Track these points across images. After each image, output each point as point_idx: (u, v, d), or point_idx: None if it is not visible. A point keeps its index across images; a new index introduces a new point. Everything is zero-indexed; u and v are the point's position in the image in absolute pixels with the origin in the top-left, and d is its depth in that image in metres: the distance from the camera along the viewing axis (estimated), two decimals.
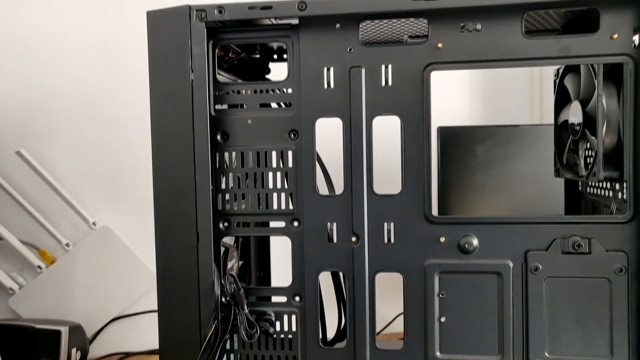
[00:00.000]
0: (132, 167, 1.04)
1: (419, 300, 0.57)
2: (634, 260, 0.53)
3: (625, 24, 0.52)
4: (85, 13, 1.05)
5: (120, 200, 1.04)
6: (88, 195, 1.03)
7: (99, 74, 1.05)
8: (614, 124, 0.60)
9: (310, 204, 0.58)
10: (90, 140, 1.04)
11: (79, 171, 1.03)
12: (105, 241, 1.01)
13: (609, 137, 0.60)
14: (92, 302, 1.01)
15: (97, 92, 1.05)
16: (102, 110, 1.05)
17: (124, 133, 1.05)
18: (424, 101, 0.55)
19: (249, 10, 0.55)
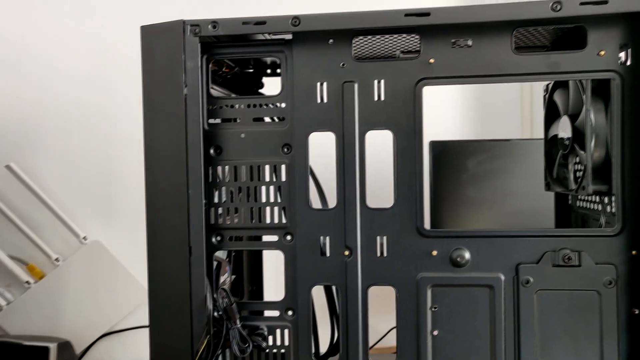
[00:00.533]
0: (123, 181, 1.04)
1: (411, 314, 0.57)
2: (623, 273, 0.54)
3: (612, 41, 0.53)
4: (78, 28, 1.05)
5: (112, 215, 1.04)
6: (79, 209, 1.02)
7: (91, 88, 1.05)
8: (602, 138, 0.61)
9: (303, 218, 0.58)
10: (82, 154, 1.04)
11: (69, 185, 1.03)
12: (95, 256, 1.00)
13: (597, 151, 0.61)
14: (81, 317, 0.99)
15: (89, 106, 1.05)
16: (94, 124, 1.05)
17: (115, 147, 1.05)
18: (416, 116, 0.56)
19: (243, 26, 0.56)
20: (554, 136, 0.73)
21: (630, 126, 0.53)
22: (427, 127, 0.58)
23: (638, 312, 0.53)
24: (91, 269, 1.00)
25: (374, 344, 1.06)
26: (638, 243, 0.53)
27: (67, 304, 0.99)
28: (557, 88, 0.72)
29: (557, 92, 0.72)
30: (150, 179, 0.57)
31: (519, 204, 0.96)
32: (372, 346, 1.04)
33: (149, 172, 0.57)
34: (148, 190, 0.57)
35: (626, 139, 0.54)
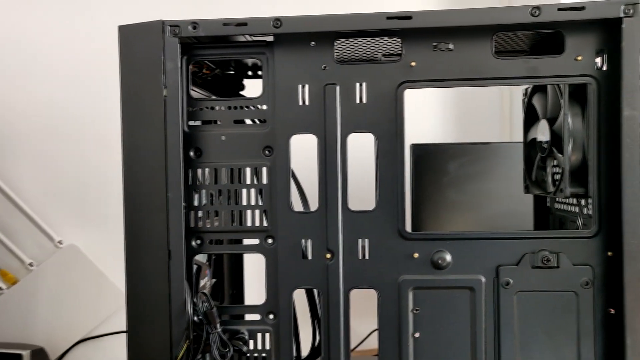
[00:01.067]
0: (101, 184, 1.02)
1: (393, 316, 0.57)
2: (599, 274, 0.55)
3: (589, 47, 0.54)
4: (55, 28, 1.03)
5: (88, 218, 1.01)
6: (54, 213, 1.00)
7: (66, 90, 1.03)
8: (579, 142, 0.62)
9: (284, 221, 0.57)
10: (57, 157, 1.01)
11: (44, 189, 1.00)
12: (71, 260, 0.98)
13: (574, 154, 0.62)
14: (56, 323, 0.97)
15: (64, 109, 1.03)
16: (70, 126, 1.03)
17: (91, 150, 1.03)
18: (397, 119, 0.56)
19: (224, 27, 0.55)
20: (532, 139, 0.74)
21: (605, 130, 0.54)
22: (408, 130, 0.58)
23: (614, 312, 0.54)
24: (67, 273, 0.97)
25: (355, 346, 1.06)
26: (614, 244, 0.54)
27: (41, 310, 0.97)
28: (536, 92, 0.73)
29: (535, 96, 0.73)
30: (128, 181, 0.56)
31: (499, 206, 0.98)
32: (353, 349, 1.04)
33: (128, 175, 0.56)
34: (126, 193, 0.56)
35: (602, 143, 0.55)
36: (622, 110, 0.52)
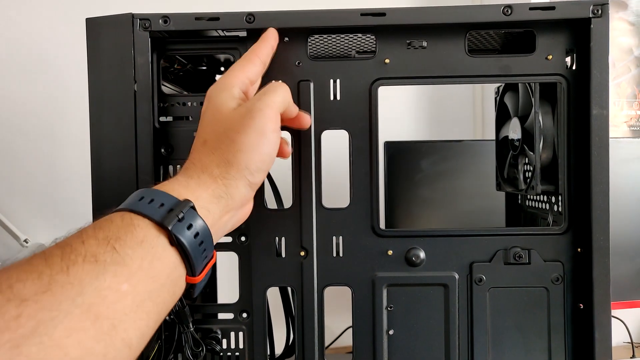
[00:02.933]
0: (67, 180, 0.99)
1: (367, 314, 0.57)
2: (569, 270, 0.56)
3: (559, 46, 0.55)
4: (18, 20, 1.00)
5: (56, 216, 0.99)
6: (19, 211, 0.97)
7: (32, 84, 1.00)
8: (549, 140, 0.63)
9: (258, 219, 0.57)
10: (22, 153, 0.98)
11: (8, 186, 0.97)
12: None
13: (545, 152, 0.63)
14: None
15: (30, 103, 1.00)
16: (35, 121, 1.00)
17: (58, 145, 1.00)
18: (371, 116, 0.56)
19: (196, 22, 0.54)
20: (504, 137, 0.75)
21: (575, 128, 0.55)
22: (382, 128, 0.58)
23: (583, 307, 0.55)
24: None
25: (329, 344, 1.06)
26: (583, 241, 0.55)
27: None
28: (508, 91, 0.74)
29: (507, 95, 0.74)
30: (97, 178, 0.55)
31: (472, 204, 0.99)
32: (327, 346, 1.04)
33: (96, 172, 0.55)
34: (95, 191, 0.55)
35: (571, 141, 0.55)
36: (591, 109, 0.53)
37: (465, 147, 1.00)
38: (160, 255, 0.39)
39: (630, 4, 1.18)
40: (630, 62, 1.18)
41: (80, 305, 0.33)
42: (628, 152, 1.00)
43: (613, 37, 1.18)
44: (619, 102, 1.19)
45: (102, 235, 0.37)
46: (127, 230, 0.38)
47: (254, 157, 0.45)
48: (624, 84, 1.19)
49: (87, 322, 0.33)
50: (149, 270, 0.37)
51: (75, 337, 0.32)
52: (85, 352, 0.32)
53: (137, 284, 0.36)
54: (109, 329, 0.34)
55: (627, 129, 1.20)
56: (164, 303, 0.40)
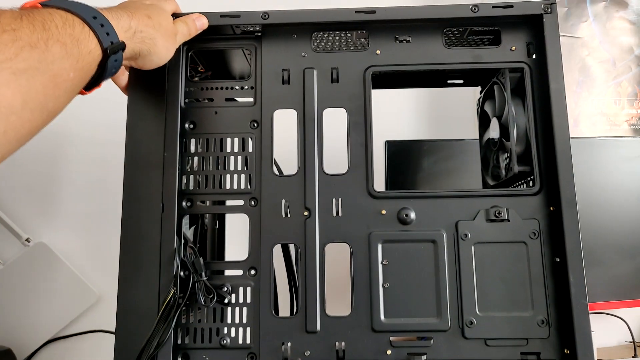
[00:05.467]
0: (70, 180, 1.02)
1: (364, 268, 0.62)
2: (545, 226, 0.62)
3: (520, 39, 0.66)
4: None
5: (58, 215, 1.00)
6: (22, 209, 0.98)
7: None
8: (522, 128, 0.72)
9: (267, 184, 0.65)
10: (23, 151, 1.03)
11: (11, 185, 0.99)
12: (40, 258, 0.96)
13: (519, 139, 0.72)
14: (24, 323, 0.95)
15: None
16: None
17: (60, 144, 1.02)
18: (365, 96, 0.66)
19: (221, 18, 0.66)
20: (487, 140, 0.85)
21: (540, 105, 0.65)
22: (383, 127, 0.68)
23: (559, 260, 0.61)
24: (35, 272, 0.96)
25: None
26: (554, 200, 0.62)
27: (8, 310, 0.95)
28: (487, 100, 0.85)
29: (487, 103, 0.85)
30: (130, 142, 0.64)
31: None
32: None
33: (130, 136, 0.64)
34: (128, 151, 0.63)
35: (537, 115, 0.65)
36: (550, 84, 0.63)
37: (466, 146, 1.04)
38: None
39: (631, 3, 1.18)
40: (630, 61, 1.18)
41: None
42: (629, 151, 1.02)
43: (613, 37, 1.18)
44: (619, 101, 1.18)
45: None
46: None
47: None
48: (625, 83, 1.18)
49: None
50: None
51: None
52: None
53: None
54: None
55: (628, 127, 1.19)
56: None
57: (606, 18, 1.18)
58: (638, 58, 1.20)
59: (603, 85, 1.19)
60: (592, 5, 1.19)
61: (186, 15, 0.65)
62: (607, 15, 1.18)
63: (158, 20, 0.59)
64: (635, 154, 1.04)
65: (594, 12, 1.19)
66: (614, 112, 1.19)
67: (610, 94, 1.18)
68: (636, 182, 1.03)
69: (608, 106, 1.19)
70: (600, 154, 1.04)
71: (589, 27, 1.19)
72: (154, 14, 0.59)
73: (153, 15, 0.59)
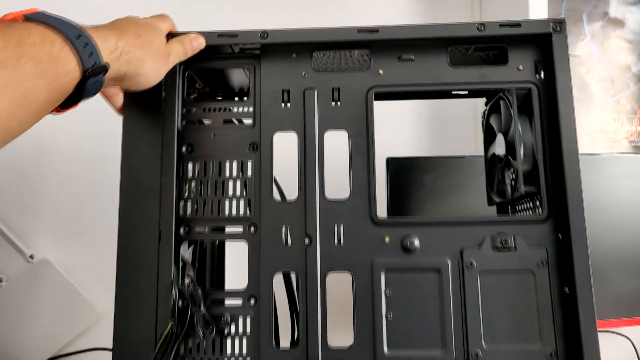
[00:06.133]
0: (74, 197, 1.02)
1: (366, 298, 0.61)
2: (553, 254, 0.60)
3: (528, 58, 0.64)
4: None
5: (62, 232, 1.01)
6: (25, 226, 0.99)
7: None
8: (529, 147, 0.70)
9: (267, 210, 0.63)
10: (27, 169, 1.01)
11: (15, 201, 0.99)
12: (43, 275, 0.96)
13: (526, 158, 0.70)
14: (26, 340, 0.95)
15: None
16: (40, 138, 1.04)
17: (64, 162, 1.03)
18: (368, 118, 0.64)
19: (218, 38, 0.64)
20: (492, 155, 0.82)
21: (548, 127, 0.63)
22: (385, 144, 0.66)
23: (568, 291, 0.59)
24: (38, 289, 0.96)
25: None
26: (562, 227, 0.60)
27: (10, 327, 0.94)
28: (492, 113, 0.82)
29: (492, 117, 0.82)
30: (125, 169, 0.62)
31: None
32: None
33: (125, 162, 0.62)
34: (123, 178, 0.61)
35: (546, 137, 0.63)
36: (559, 107, 0.61)
37: (467, 163, 1.04)
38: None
39: (627, 23, 1.21)
40: (629, 78, 1.20)
41: None
42: (630, 168, 1.02)
43: (611, 55, 1.21)
44: (619, 118, 1.20)
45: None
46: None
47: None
48: (623, 100, 1.20)
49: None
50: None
51: None
52: None
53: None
54: None
55: (628, 144, 1.21)
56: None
57: (603, 37, 1.21)
58: (636, 76, 1.22)
59: (602, 103, 1.20)
60: (590, 25, 1.22)
61: (183, 35, 0.63)
62: (605, 34, 1.21)
63: (148, 39, 0.57)
64: (635, 170, 1.03)
65: (591, 31, 1.21)
66: (614, 129, 1.21)
67: (609, 111, 1.20)
68: (637, 199, 1.03)
69: (607, 123, 1.20)
70: (600, 170, 1.03)
71: (586, 46, 1.22)
72: (145, 33, 0.57)
73: (143, 34, 0.56)
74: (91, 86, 0.50)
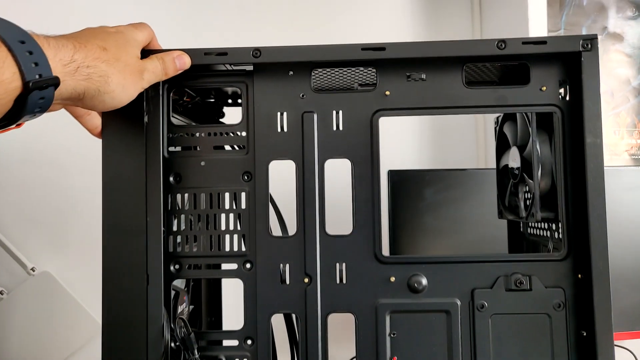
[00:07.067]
0: (75, 209, 1.01)
1: (370, 341, 0.57)
2: (571, 296, 0.56)
3: (552, 78, 0.57)
4: None
5: (63, 244, 1.00)
6: (27, 238, 0.98)
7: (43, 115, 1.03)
8: (547, 168, 0.64)
9: (263, 246, 0.58)
10: (30, 181, 1.00)
11: (16, 213, 0.98)
12: (44, 288, 0.96)
13: (544, 180, 0.64)
14: (27, 354, 0.94)
15: (39, 132, 1.02)
16: (43, 150, 1.02)
17: (66, 174, 1.01)
18: (373, 145, 0.58)
19: (205, 56, 0.57)
20: (505, 166, 0.77)
21: (571, 156, 0.57)
22: (386, 156, 0.60)
23: (586, 334, 0.56)
24: (39, 301, 0.95)
25: None
26: (583, 267, 0.56)
27: (11, 340, 0.94)
28: (507, 120, 0.76)
29: (506, 125, 0.76)
30: (107, 205, 0.56)
31: (475, 232, 1.00)
32: None
33: (107, 199, 0.56)
34: (105, 217, 0.56)
35: (568, 168, 0.57)
36: (585, 138, 0.55)
37: (468, 176, 1.02)
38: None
39: (626, 37, 1.22)
40: (628, 92, 1.22)
41: None
42: (630, 181, 1.01)
43: (610, 69, 1.22)
44: (619, 132, 1.22)
45: None
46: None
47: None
48: (624, 114, 1.22)
49: None
50: None
51: None
52: None
53: None
54: None
55: (629, 157, 1.22)
56: None
57: (603, 51, 1.22)
58: (635, 89, 1.22)
59: (602, 116, 1.20)
60: None
61: (166, 52, 0.56)
62: (604, 48, 1.21)
63: (116, 53, 0.50)
64: (636, 183, 1.02)
65: None
66: (614, 142, 1.21)
67: (610, 124, 1.21)
68: (638, 212, 1.02)
69: (608, 136, 1.21)
70: None
71: None
72: (113, 45, 0.50)
73: (110, 47, 0.49)
74: (35, 102, 0.43)
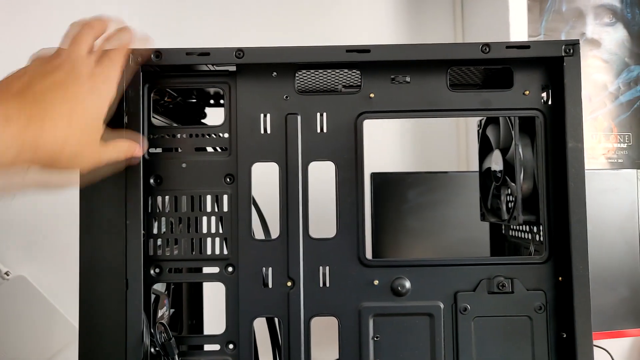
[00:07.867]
0: (51, 211, 0.98)
1: (354, 344, 0.57)
2: (552, 298, 0.57)
3: (535, 82, 0.57)
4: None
5: (38, 248, 0.97)
6: (1, 242, 0.95)
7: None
8: (530, 171, 0.65)
9: (245, 249, 0.57)
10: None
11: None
12: (19, 292, 0.93)
13: (526, 183, 0.65)
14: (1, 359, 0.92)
15: None
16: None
17: None
18: (357, 148, 0.58)
19: (187, 56, 0.56)
20: (487, 169, 0.77)
21: (553, 160, 0.57)
22: (369, 159, 0.60)
23: (566, 336, 0.56)
24: (14, 306, 0.92)
25: None
26: (563, 270, 0.56)
27: None
28: (489, 123, 0.77)
29: (489, 128, 0.77)
30: (85, 207, 0.55)
31: (457, 234, 1.00)
32: None
33: (84, 201, 0.55)
34: (82, 220, 0.55)
35: (550, 172, 0.57)
36: (567, 142, 0.55)
37: (451, 179, 1.03)
38: None
39: (604, 43, 1.25)
40: (605, 97, 1.25)
41: None
42: (607, 184, 1.03)
43: (588, 74, 1.25)
44: (596, 135, 1.25)
45: None
46: None
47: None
48: (601, 118, 1.25)
49: None
50: None
51: None
52: None
53: None
54: None
55: (605, 161, 1.25)
56: None
57: (581, 56, 1.22)
58: (612, 94, 1.26)
59: None
60: None
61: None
62: (582, 54, 1.24)
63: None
64: (612, 186, 1.04)
65: None
66: (591, 146, 1.24)
67: (587, 128, 1.25)
68: (614, 214, 1.04)
69: (585, 140, 1.24)
70: None
71: None
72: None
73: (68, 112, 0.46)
74: None
